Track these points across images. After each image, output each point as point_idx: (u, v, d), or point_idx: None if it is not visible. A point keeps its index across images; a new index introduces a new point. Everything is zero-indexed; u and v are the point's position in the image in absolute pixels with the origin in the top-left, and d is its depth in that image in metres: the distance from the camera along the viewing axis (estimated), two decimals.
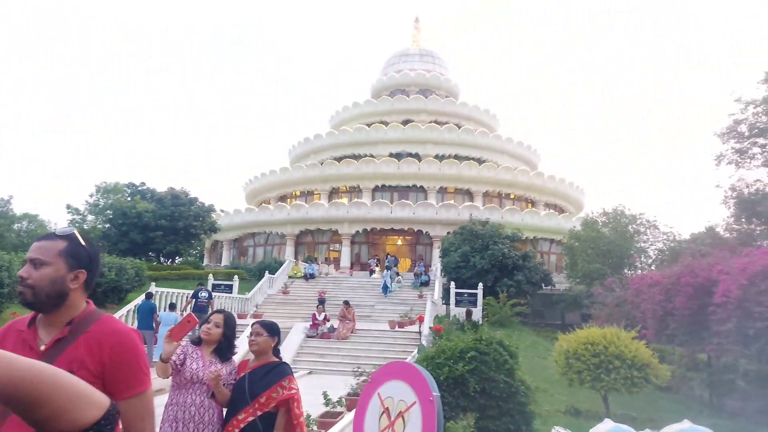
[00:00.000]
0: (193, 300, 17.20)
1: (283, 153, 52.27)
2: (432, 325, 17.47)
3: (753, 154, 21.95)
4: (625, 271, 27.61)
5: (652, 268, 27.10)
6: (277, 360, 4.13)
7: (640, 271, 26.98)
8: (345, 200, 39.82)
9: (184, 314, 16.56)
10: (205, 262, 46.06)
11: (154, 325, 14.81)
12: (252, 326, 4.25)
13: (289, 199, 44.52)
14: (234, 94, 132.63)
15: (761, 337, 12.56)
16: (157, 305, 16.25)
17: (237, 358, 4.46)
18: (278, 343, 4.20)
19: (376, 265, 32.26)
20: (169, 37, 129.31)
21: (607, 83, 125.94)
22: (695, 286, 15.21)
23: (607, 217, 29.68)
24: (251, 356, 4.21)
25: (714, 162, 23.45)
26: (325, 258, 37.15)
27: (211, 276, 24.96)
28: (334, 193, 42.06)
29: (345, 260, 35.89)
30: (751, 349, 13.09)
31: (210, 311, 17.57)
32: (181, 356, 4.06)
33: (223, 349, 4.17)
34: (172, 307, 15.62)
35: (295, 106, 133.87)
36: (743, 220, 24.23)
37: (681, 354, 19.07)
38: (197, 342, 4.18)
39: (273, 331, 4.19)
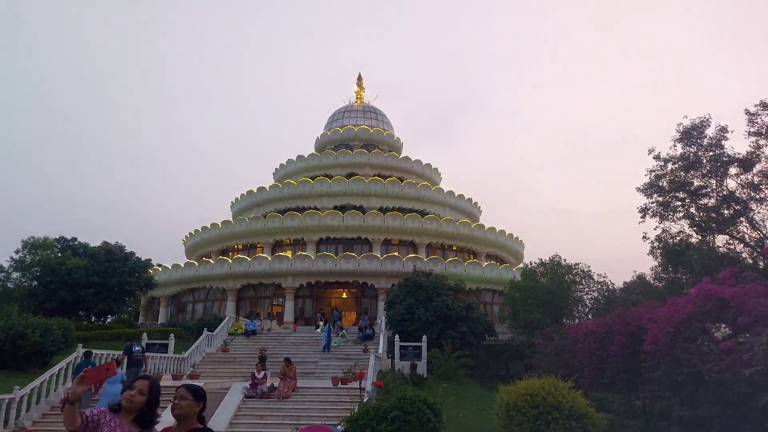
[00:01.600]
0: (126, 357, 16.92)
1: (225, 206, 51.61)
2: (374, 381, 17.15)
3: (675, 207, 23.49)
4: (564, 320, 28.30)
5: (589, 317, 27.92)
6: (201, 427, 3.91)
7: (577, 320, 27.74)
8: (289, 253, 39.34)
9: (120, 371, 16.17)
10: (140, 320, 43.97)
11: (92, 387, 14.11)
12: (177, 389, 4.01)
13: (231, 253, 43.56)
14: (177, 146, 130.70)
15: (690, 383, 13.05)
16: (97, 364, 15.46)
17: (162, 426, 4.23)
18: (203, 409, 3.98)
19: (321, 320, 31.65)
20: (99, 83, 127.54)
21: (547, 130, 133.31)
22: (627, 334, 15.78)
23: (545, 267, 30.58)
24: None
25: (639, 214, 24.92)
26: (268, 313, 36.21)
27: (145, 335, 23.75)
28: (277, 246, 41.56)
29: (288, 315, 35.14)
30: (681, 394, 13.55)
31: (144, 366, 17.15)
32: (95, 419, 3.74)
33: (145, 417, 3.90)
34: (88, 354, 15.36)
35: (237, 160, 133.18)
36: (670, 269, 25.62)
37: (618, 402, 19.49)
38: (116, 410, 3.93)
39: (198, 395, 3.98)
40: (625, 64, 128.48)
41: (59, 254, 33.79)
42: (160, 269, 40.99)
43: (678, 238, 23.95)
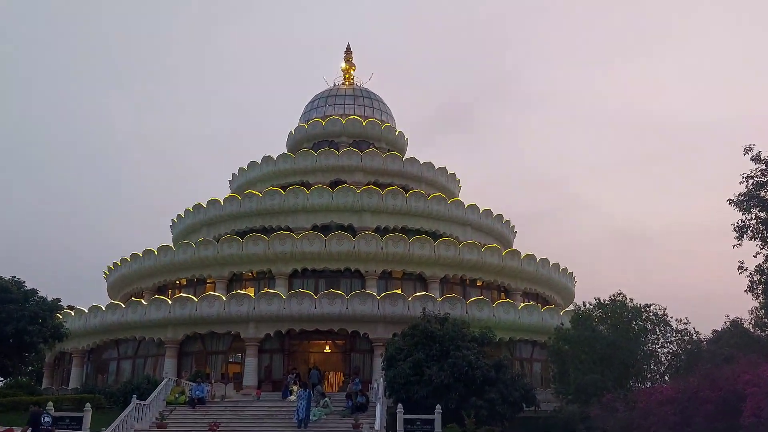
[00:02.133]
0: (30, 429, 16.95)
1: (164, 227, 51.58)
2: None
3: None
4: (631, 383, 28.20)
5: (666, 378, 27.85)
6: None
7: (649, 383, 27.64)
8: (251, 291, 39.12)
9: None
10: (45, 383, 43.68)
11: None
12: None
13: (171, 291, 43.38)
14: (96, 148, 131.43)
15: None
16: None
17: None
18: None
19: (295, 383, 31.51)
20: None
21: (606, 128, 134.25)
22: (718, 401, 15.75)
23: (604, 310, 30.58)
24: None
25: (734, 235, 25.01)
26: (222, 374, 35.88)
27: (50, 405, 23.50)
28: (235, 282, 41.37)
29: (250, 377, 34.93)
30: None
31: None
32: None
33: None
34: None
35: (182, 164, 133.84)
36: None
37: None
38: None
39: None
40: (713, 34, 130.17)
41: None
42: (72, 314, 40.76)
43: None
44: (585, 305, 31.60)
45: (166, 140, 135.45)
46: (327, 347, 38.30)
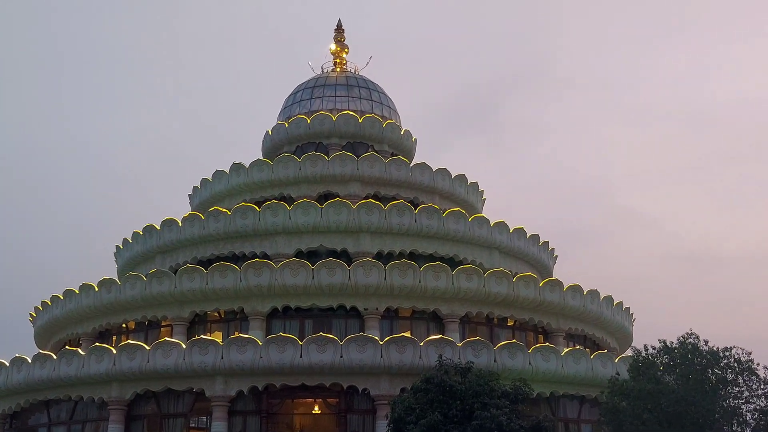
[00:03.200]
0: None
1: (106, 257, 51.28)
2: None
3: None
4: None
5: None
6: None
7: None
8: (218, 336, 38.92)
9: None
10: None
11: None
12: None
13: (115, 337, 43.22)
14: (19, 159, 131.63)
15: None
16: None
17: None
18: None
19: None
20: None
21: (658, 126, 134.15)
22: None
23: (671, 355, 30.39)
24: None
25: None
26: None
27: None
28: (198, 324, 41.25)
29: None
30: None
31: None
32: None
33: None
34: None
35: (129, 178, 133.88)
36: None
37: None
38: None
39: None
40: None
41: None
42: None
43: None
44: (647, 350, 31.42)
45: (106, 147, 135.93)
46: (316, 407, 37.95)
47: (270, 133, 54.77)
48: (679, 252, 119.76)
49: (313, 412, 38.08)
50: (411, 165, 49.94)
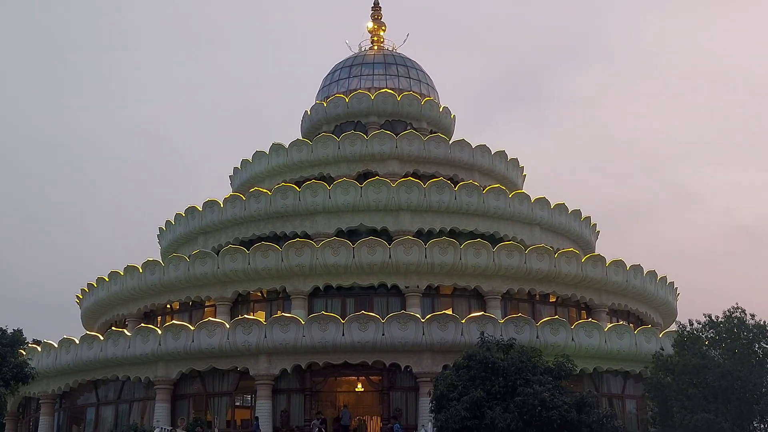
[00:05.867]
0: None
1: (150, 238, 51.73)
2: None
3: None
4: (755, 423, 27.75)
5: None
6: None
7: None
8: (261, 316, 39.25)
9: None
10: None
11: None
12: None
13: (160, 318, 43.75)
14: (63, 147, 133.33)
15: None
16: None
17: None
18: None
19: (320, 431, 31.68)
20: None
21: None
22: None
23: (717, 330, 30.19)
24: None
25: None
26: (227, 421, 36.10)
27: None
28: (241, 304, 41.62)
29: (263, 424, 35.06)
30: None
31: None
32: None
33: None
34: None
35: (171, 161, 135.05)
36: None
37: None
38: None
39: None
40: None
41: None
42: (39, 349, 41.32)
43: None
44: (692, 324, 31.22)
45: (148, 132, 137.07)
46: (359, 385, 38.22)
47: (309, 113, 54.85)
48: (730, 229, 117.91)
49: (356, 389, 38.38)
50: (450, 142, 49.78)
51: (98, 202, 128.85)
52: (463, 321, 35.89)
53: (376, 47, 57.14)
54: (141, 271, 43.56)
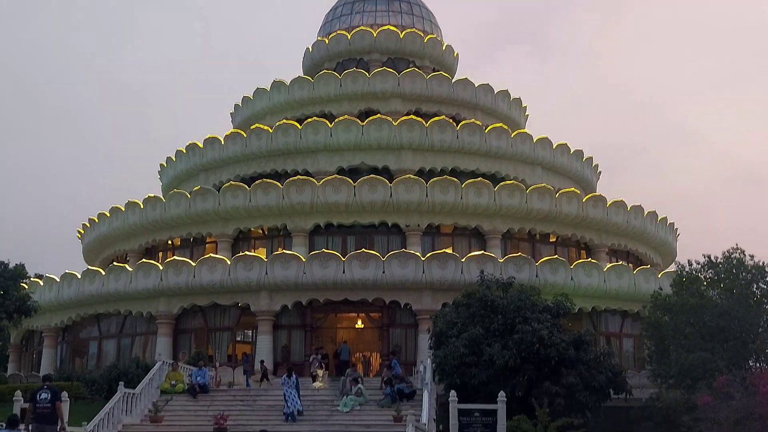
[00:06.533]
0: (32, 404, 18.58)
1: (151, 175, 51.80)
2: None
3: None
4: (751, 362, 27.97)
5: None
6: None
7: None
8: (262, 252, 39.43)
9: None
10: (11, 369, 44.90)
11: None
12: None
13: (161, 253, 43.92)
14: (66, 81, 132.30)
15: None
16: None
17: None
18: None
19: (320, 366, 31.94)
20: None
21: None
22: None
23: (715, 270, 30.25)
24: None
25: None
26: (228, 356, 36.47)
27: (19, 394, 24.22)
28: (242, 241, 41.76)
29: (264, 359, 35.42)
30: None
31: (60, 423, 18.45)
32: None
33: None
34: (13, 423, 16.47)
35: (171, 98, 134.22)
36: None
37: None
38: None
39: None
40: None
41: None
42: (41, 283, 41.63)
43: None
44: (691, 265, 31.26)
45: (149, 68, 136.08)
46: (359, 322, 38.58)
47: (310, 50, 54.33)
48: (730, 171, 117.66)
49: (356, 326, 38.72)
50: (453, 81, 49.42)
51: (100, 139, 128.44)
52: (463, 260, 36.05)
53: None
54: (142, 207, 43.58)
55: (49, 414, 18.27)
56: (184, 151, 48.57)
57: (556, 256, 39.28)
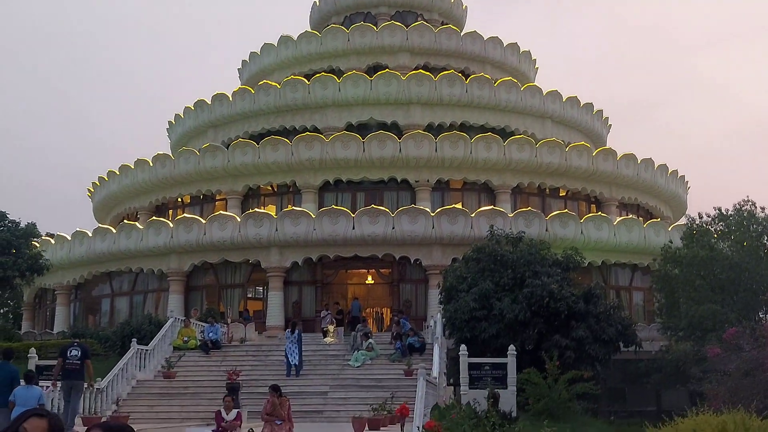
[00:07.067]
0: (62, 360, 19.08)
1: (159, 132, 51.73)
2: (427, 422, 17.43)
3: None
4: (761, 314, 28.06)
5: None
6: None
7: None
8: (271, 209, 39.54)
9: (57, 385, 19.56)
10: (25, 327, 45.34)
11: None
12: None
13: (171, 211, 44.11)
14: (72, 37, 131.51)
15: None
16: None
17: None
18: None
19: (332, 322, 32.20)
20: None
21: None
22: None
23: (726, 223, 30.24)
24: None
25: None
26: (240, 312, 36.75)
27: (33, 352, 24.51)
28: (251, 198, 41.89)
29: (274, 315, 35.71)
30: None
31: (88, 379, 19.28)
32: None
33: None
34: (29, 378, 16.80)
35: (179, 54, 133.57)
36: None
37: None
38: None
39: None
40: None
41: None
42: (52, 241, 41.92)
43: None
44: (701, 217, 31.26)
45: (154, 24, 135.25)
46: (369, 277, 38.81)
47: (317, 3, 53.90)
48: (746, 122, 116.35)
49: (367, 282, 38.97)
50: (462, 34, 49.10)
51: (107, 96, 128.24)
52: (473, 215, 36.07)
53: None
54: (151, 164, 43.66)
55: (78, 370, 18.85)
56: (193, 107, 48.47)
57: (566, 210, 39.30)
